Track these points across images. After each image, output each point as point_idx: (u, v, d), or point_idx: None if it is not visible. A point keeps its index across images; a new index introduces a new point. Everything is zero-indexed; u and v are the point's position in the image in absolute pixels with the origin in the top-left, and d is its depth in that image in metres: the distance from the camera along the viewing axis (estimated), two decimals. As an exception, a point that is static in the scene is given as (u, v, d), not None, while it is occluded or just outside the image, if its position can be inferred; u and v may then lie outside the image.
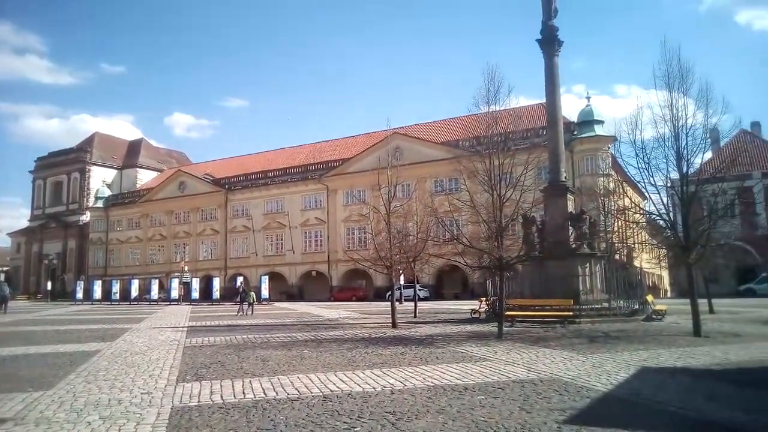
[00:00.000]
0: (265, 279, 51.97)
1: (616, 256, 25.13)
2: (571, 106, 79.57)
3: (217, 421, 6.33)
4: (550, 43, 23.15)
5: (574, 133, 47.41)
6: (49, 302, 60.72)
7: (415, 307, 26.24)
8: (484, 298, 23.50)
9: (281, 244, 63.74)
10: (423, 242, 21.83)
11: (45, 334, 18.82)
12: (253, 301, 31.50)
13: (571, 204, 23.43)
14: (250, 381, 8.75)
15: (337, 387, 8.21)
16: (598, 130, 46.69)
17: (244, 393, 7.86)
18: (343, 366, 10.26)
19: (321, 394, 7.71)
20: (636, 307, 20.99)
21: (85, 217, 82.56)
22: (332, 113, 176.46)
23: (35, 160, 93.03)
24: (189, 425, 6.21)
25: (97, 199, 79.54)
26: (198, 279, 57.13)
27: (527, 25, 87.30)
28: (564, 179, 23.85)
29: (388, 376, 9.12)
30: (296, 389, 8.05)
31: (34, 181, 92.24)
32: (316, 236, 61.84)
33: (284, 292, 60.06)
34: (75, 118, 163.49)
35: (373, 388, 8.09)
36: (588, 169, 46.31)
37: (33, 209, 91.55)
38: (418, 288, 35.02)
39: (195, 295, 52.51)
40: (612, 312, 20.16)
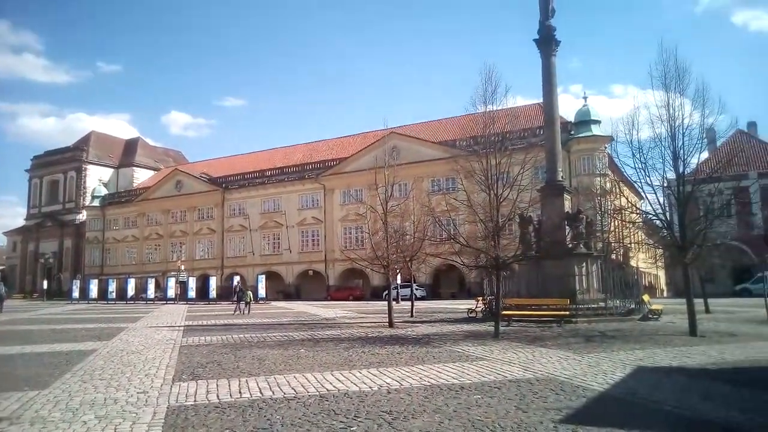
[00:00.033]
0: (262, 278, 51.90)
1: (613, 256, 25.14)
2: (568, 106, 79.91)
3: (213, 421, 6.33)
4: (547, 42, 23.16)
5: (571, 132, 47.41)
6: (45, 301, 60.58)
7: (412, 306, 26.26)
8: (480, 298, 23.53)
9: (278, 243, 63.66)
10: (420, 242, 21.82)
11: (41, 333, 18.79)
12: (250, 300, 31.47)
13: (568, 204, 23.48)
14: (247, 380, 8.75)
15: (334, 386, 8.21)
16: (595, 130, 46.70)
17: (240, 392, 7.86)
18: (340, 365, 10.27)
19: (317, 394, 7.71)
20: (632, 306, 21.04)
21: (82, 216, 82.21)
22: (329, 113, 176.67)
23: (31, 159, 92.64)
24: (185, 425, 6.20)
25: (94, 198, 79.26)
26: (194, 278, 57.00)
27: (524, 24, 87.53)
28: (561, 179, 23.87)
29: (385, 375, 9.12)
30: (293, 389, 8.05)
31: (31, 180, 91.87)
32: (313, 235, 61.76)
33: (281, 291, 59.99)
34: (71, 117, 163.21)
35: (370, 388, 8.09)
36: (585, 169, 46.34)
37: (29, 208, 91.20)
38: (415, 287, 34.99)
39: (192, 294, 52.52)
40: (608, 311, 20.20)
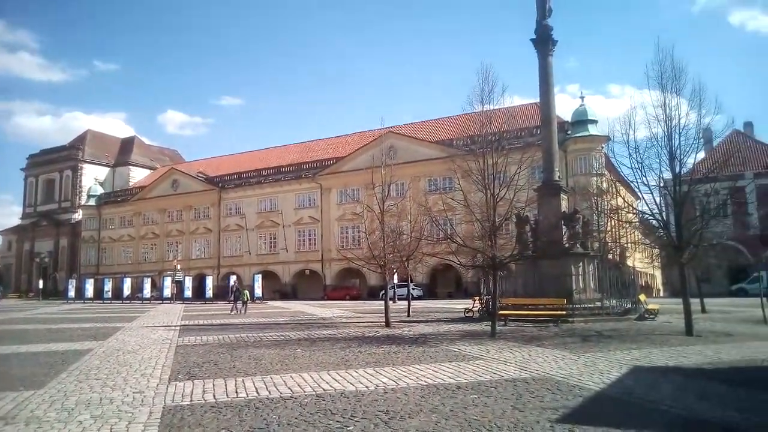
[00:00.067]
0: (259, 278, 51.88)
1: (609, 256, 25.19)
2: (565, 106, 79.88)
3: (209, 421, 6.31)
4: (544, 42, 23.16)
5: (568, 132, 47.47)
6: (41, 301, 60.39)
7: (409, 306, 26.26)
8: (477, 297, 23.52)
9: (275, 242, 63.59)
10: (417, 241, 21.81)
11: (36, 332, 18.72)
12: (247, 299, 31.44)
13: (565, 203, 23.48)
14: (243, 380, 8.73)
15: (330, 386, 8.20)
16: (592, 130, 46.80)
17: (236, 392, 7.84)
18: (337, 365, 10.25)
19: (314, 393, 7.70)
20: (628, 306, 21.07)
21: (78, 215, 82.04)
22: (326, 112, 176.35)
23: (27, 158, 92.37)
24: (181, 424, 6.18)
25: (90, 197, 78.98)
26: (191, 277, 56.80)
27: (522, 24, 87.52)
28: (557, 179, 23.90)
29: (382, 375, 9.11)
30: (289, 388, 8.04)
31: (26, 179, 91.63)
32: (309, 235, 61.72)
33: (277, 290, 59.94)
34: (67, 116, 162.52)
35: (366, 387, 8.08)
36: (581, 169, 46.42)
37: (25, 207, 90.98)
38: (412, 287, 35.00)
39: (188, 293, 52.34)
40: (605, 311, 20.23)
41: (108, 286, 57.96)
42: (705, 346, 12.58)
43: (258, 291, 48.91)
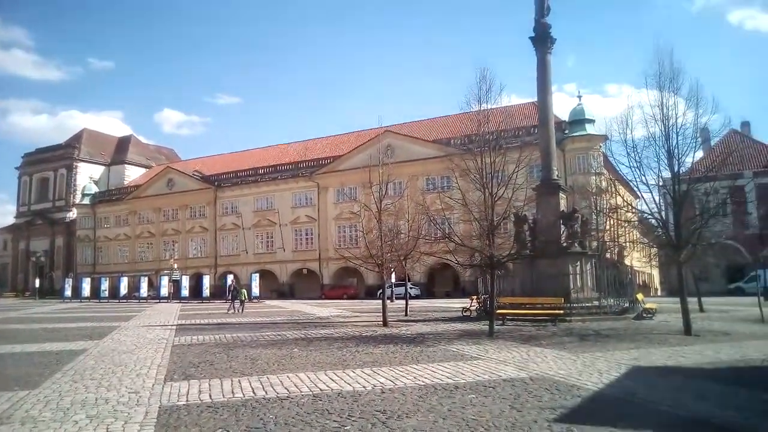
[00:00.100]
0: (256, 277, 51.65)
1: (607, 255, 25.19)
2: (563, 105, 79.89)
3: (205, 420, 6.27)
4: (542, 40, 23.14)
5: (566, 131, 47.48)
6: (37, 300, 60.23)
7: (406, 305, 26.22)
8: (475, 297, 23.51)
9: (271, 241, 63.51)
10: (414, 240, 21.78)
11: (32, 332, 18.67)
12: (244, 299, 31.40)
13: (563, 202, 23.48)
14: (240, 380, 8.69)
15: (327, 386, 8.16)
16: (590, 129, 46.74)
17: (233, 392, 7.80)
18: (334, 365, 10.21)
19: (311, 393, 7.66)
20: (626, 305, 21.06)
21: (72, 214, 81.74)
22: (323, 111, 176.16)
23: (22, 156, 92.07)
24: (177, 424, 6.14)
25: (84, 195, 78.64)
26: (188, 277, 56.62)
27: (520, 22, 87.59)
28: (556, 177, 23.90)
29: (379, 374, 9.08)
30: (286, 388, 7.99)
31: (20, 178, 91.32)
32: (306, 234, 61.65)
33: (275, 290, 59.85)
34: (64, 114, 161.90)
35: (364, 387, 8.05)
36: (580, 168, 46.43)
37: (19, 206, 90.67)
38: (410, 286, 35.01)
39: (185, 292, 52.19)
40: (603, 310, 20.23)
41: (105, 285, 57.83)
42: (703, 346, 12.57)
43: (255, 290, 48.77)
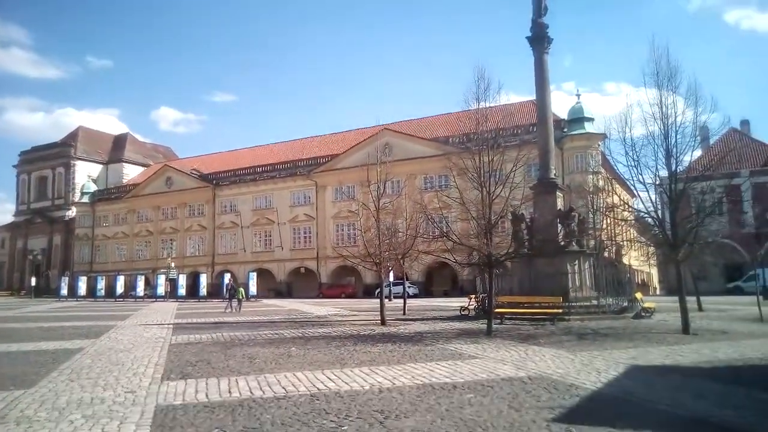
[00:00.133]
0: (253, 275, 51.64)
1: (605, 254, 25.15)
2: (561, 104, 79.63)
3: (202, 420, 6.23)
4: (539, 40, 23.13)
5: (564, 130, 47.45)
6: (33, 298, 60.16)
7: (404, 304, 26.19)
8: (473, 296, 23.50)
9: (269, 240, 63.46)
10: (412, 239, 21.75)
11: (28, 331, 18.62)
12: (242, 297, 31.35)
13: (561, 201, 23.49)
14: (237, 379, 8.65)
15: (325, 385, 8.12)
16: (588, 128, 46.65)
17: (230, 392, 7.76)
18: (331, 364, 10.18)
19: (308, 393, 7.62)
20: (625, 304, 21.05)
21: (71, 213, 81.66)
22: (321, 109, 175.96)
23: (19, 154, 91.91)
24: (174, 424, 6.10)
25: (83, 194, 78.64)
26: (185, 275, 56.51)
27: (518, 21, 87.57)
28: (554, 176, 23.88)
29: (377, 374, 9.05)
30: (283, 388, 7.96)
31: (18, 176, 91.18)
32: (304, 232, 61.60)
33: (272, 289, 59.84)
34: (59, 112, 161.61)
35: (361, 387, 8.02)
36: (578, 167, 46.41)
37: (18, 204, 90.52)
38: (408, 285, 34.92)
39: (182, 291, 52.10)
40: (601, 309, 20.21)
41: (101, 284, 57.73)
42: (702, 345, 12.57)
43: (253, 289, 48.76)
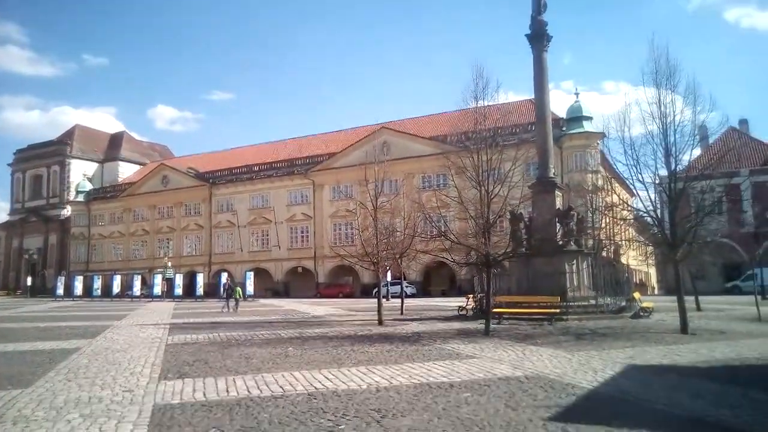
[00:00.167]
0: (250, 275, 51.47)
1: (604, 253, 25.18)
2: (560, 102, 79.79)
3: (199, 420, 6.22)
4: (538, 38, 23.10)
5: (563, 129, 47.42)
6: (29, 298, 60.02)
7: (402, 304, 26.20)
8: (471, 295, 23.49)
9: (267, 239, 63.36)
10: (410, 238, 21.72)
11: (24, 330, 18.57)
12: (239, 297, 31.30)
13: (559, 200, 23.47)
14: (234, 379, 8.63)
15: (322, 385, 8.12)
16: (587, 127, 46.57)
17: (227, 391, 7.75)
18: (329, 363, 10.17)
19: (305, 392, 7.61)
20: (623, 304, 21.05)
21: (66, 212, 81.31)
22: (319, 107, 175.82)
23: (14, 153, 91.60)
24: (171, 423, 6.09)
25: (78, 192, 78.35)
26: (181, 275, 56.26)
27: (516, 19, 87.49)
28: (552, 175, 23.87)
29: (374, 373, 9.04)
30: (280, 387, 7.95)
31: (13, 174, 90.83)
32: (302, 232, 61.51)
33: (269, 288, 59.76)
34: (55, 110, 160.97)
35: (359, 386, 8.01)
36: (576, 166, 46.40)
37: (12, 203, 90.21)
38: (405, 285, 34.96)
39: (178, 291, 51.84)
40: (599, 309, 20.20)
41: (97, 284, 57.52)
42: (699, 344, 12.58)
43: (250, 289, 48.65)
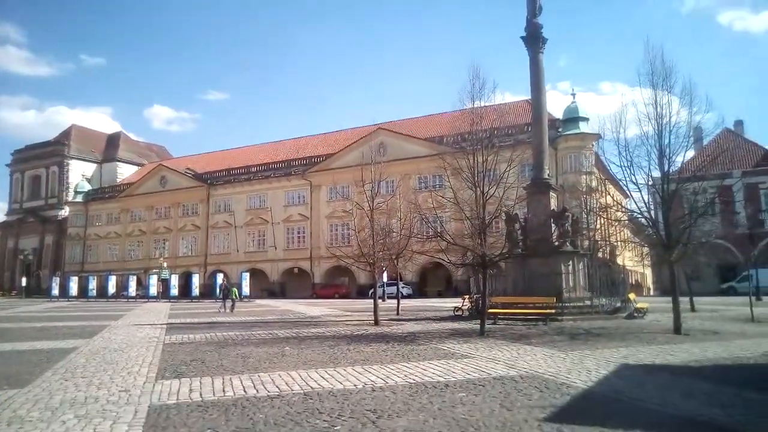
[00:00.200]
0: (246, 276, 51.31)
1: (599, 254, 25.26)
2: (556, 103, 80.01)
3: (195, 420, 6.23)
4: (534, 40, 23.16)
5: (559, 130, 47.41)
6: (24, 298, 59.79)
7: (398, 304, 26.23)
8: (467, 296, 23.53)
9: (263, 240, 63.31)
10: (406, 239, 21.77)
11: (20, 330, 18.53)
12: (236, 297, 31.28)
13: (555, 201, 23.53)
14: (230, 378, 8.64)
15: (318, 384, 8.13)
16: (583, 128, 46.56)
17: (223, 391, 7.75)
18: (325, 363, 10.19)
19: (301, 392, 7.63)
20: (618, 305, 21.11)
21: (64, 212, 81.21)
22: (316, 108, 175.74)
23: (12, 153, 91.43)
24: (167, 424, 6.10)
25: (77, 193, 78.28)
26: (177, 276, 56.16)
27: (512, 21, 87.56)
28: (547, 176, 23.94)
29: (370, 373, 9.07)
30: (277, 387, 7.97)
31: (12, 175, 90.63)
32: (298, 232, 61.49)
33: (266, 289, 59.69)
34: (51, 110, 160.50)
35: (354, 386, 8.03)
36: (572, 167, 46.49)
37: (10, 203, 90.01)
38: (401, 285, 35.00)
39: (174, 292, 51.80)
40: (594, 310, 20.26)
41: (92, 284, 57.41)
42: (692, 345, 12.63)
43: (246, 289, 48.52)
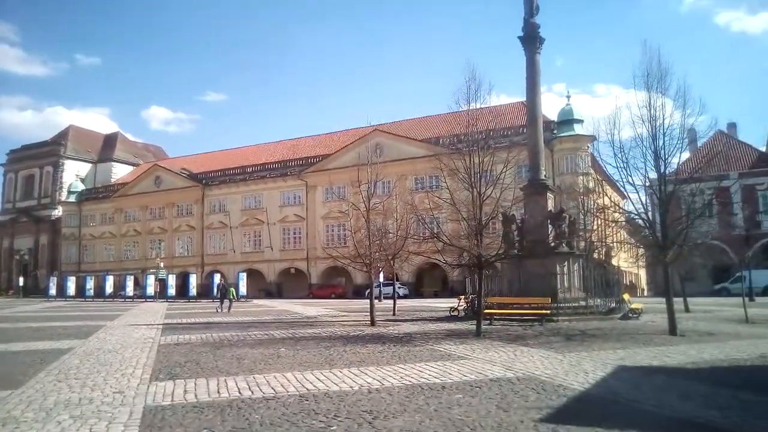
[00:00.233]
0: (243, 276, 51.31)
1: (595, 255, 25.31)
2: (552, 105, 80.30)
3: (190, 421, 6.22)
4: (531, 40, 23.20)
5: (554, 131, 47.65)
6: (21, 298, 59.60)
7: (394, 305, 26.21)
8: (463, 296, 23.55)
9: (259, 240, 63.26)
10: (402, 240, 21.78)
11: (16, 330, 18.48)
12: (233, 297, 31.24)
13: (551, 202, 23.59)
14: (226, 380, 8.63)
15: (314, 386, 8.13)
16: (578, 129, 46.87)
17: (219, 392, 7.75)
18: (321, 364, 10.19)
19: (297, 393, 7.63)
20: (613, 305, 21.17)
21: (58, 212, 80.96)
22: (312, 109, 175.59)
23: (7, 153, 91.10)
24: (162, 425, 6.09)
25: (70, 193, 78.03)
26: (174, 276, 56.04)
27: (509, 21, 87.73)
28: (544, 177, 23.98)
29: (366, 374, 9.06)
30: (272, 388, 7.96)
31: (5, 175, 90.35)
32: (294, 233, 61.46)
33: (262, 289, 59.66)
34: (49, 111, 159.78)
35: (351, 387, 8.03)
36: (568, 168, 46.62)
37: (4, 203, 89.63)
38: (398, 286, 34.96)
39: (171, 292, 51.77)
40: (589, 310, 20.32)
41: (90, 284, 57.14)
42: (688, 346, 12.67)
43: (242, 289, 48.54)
